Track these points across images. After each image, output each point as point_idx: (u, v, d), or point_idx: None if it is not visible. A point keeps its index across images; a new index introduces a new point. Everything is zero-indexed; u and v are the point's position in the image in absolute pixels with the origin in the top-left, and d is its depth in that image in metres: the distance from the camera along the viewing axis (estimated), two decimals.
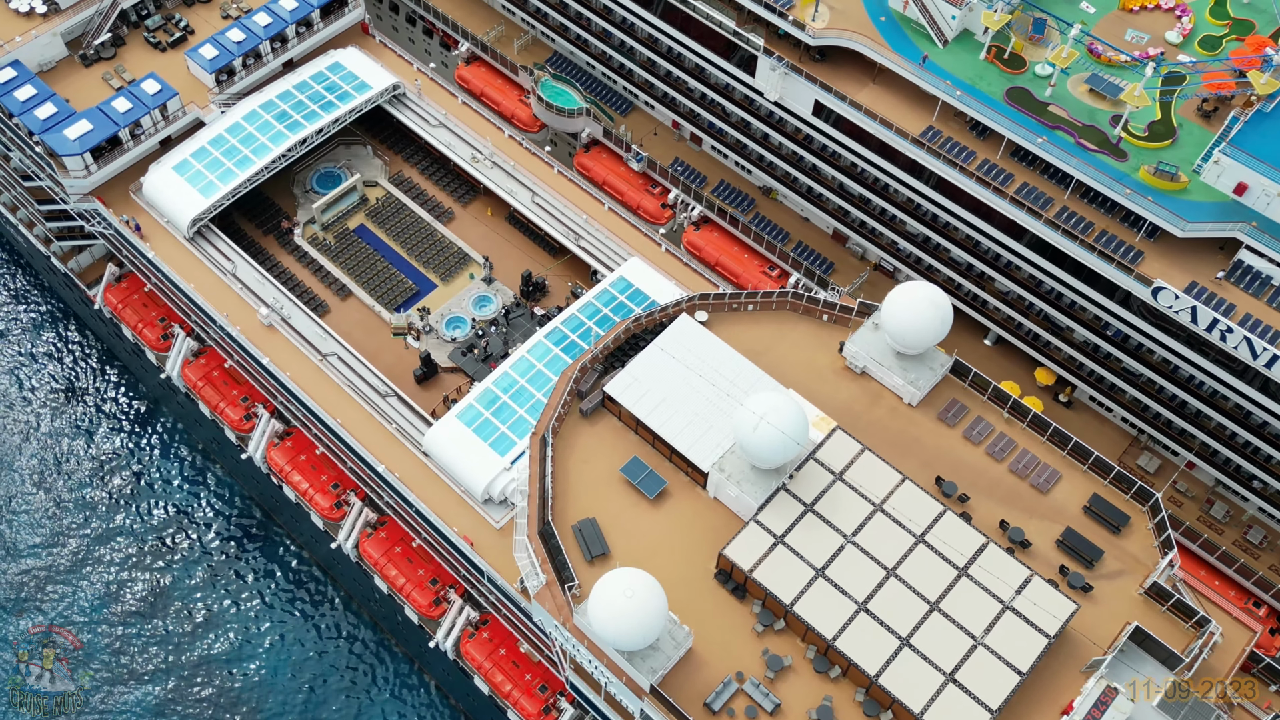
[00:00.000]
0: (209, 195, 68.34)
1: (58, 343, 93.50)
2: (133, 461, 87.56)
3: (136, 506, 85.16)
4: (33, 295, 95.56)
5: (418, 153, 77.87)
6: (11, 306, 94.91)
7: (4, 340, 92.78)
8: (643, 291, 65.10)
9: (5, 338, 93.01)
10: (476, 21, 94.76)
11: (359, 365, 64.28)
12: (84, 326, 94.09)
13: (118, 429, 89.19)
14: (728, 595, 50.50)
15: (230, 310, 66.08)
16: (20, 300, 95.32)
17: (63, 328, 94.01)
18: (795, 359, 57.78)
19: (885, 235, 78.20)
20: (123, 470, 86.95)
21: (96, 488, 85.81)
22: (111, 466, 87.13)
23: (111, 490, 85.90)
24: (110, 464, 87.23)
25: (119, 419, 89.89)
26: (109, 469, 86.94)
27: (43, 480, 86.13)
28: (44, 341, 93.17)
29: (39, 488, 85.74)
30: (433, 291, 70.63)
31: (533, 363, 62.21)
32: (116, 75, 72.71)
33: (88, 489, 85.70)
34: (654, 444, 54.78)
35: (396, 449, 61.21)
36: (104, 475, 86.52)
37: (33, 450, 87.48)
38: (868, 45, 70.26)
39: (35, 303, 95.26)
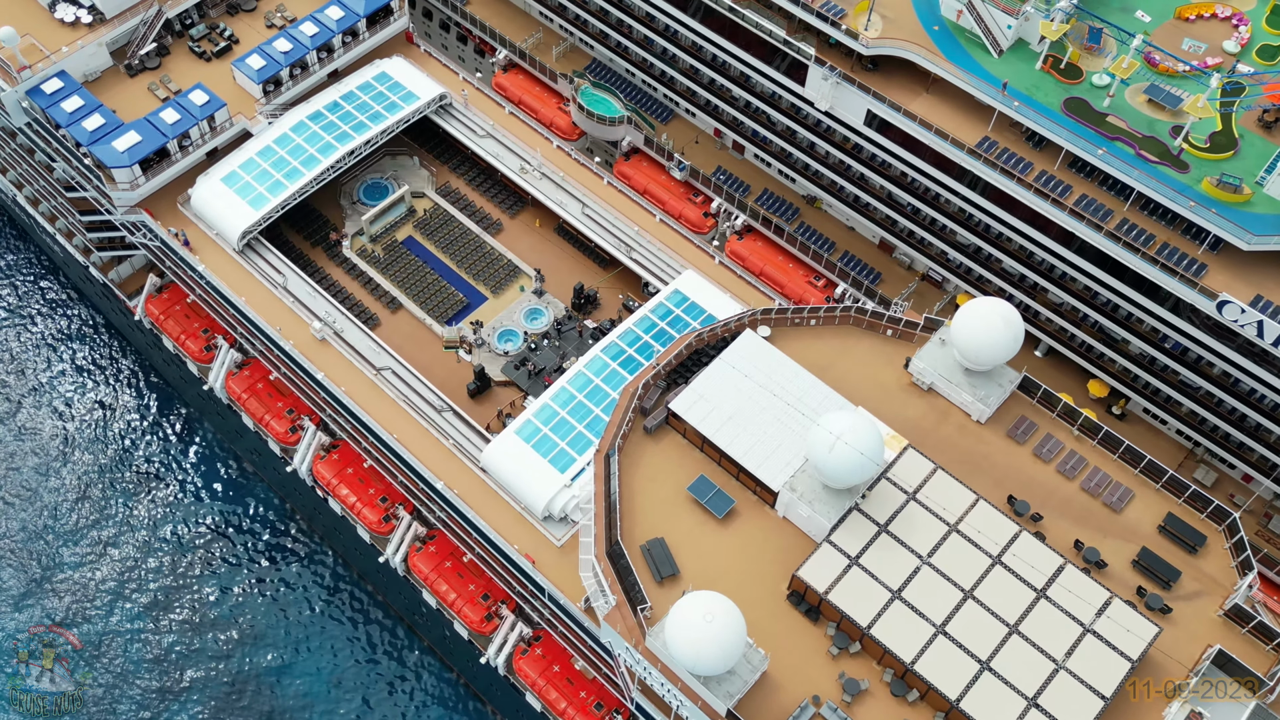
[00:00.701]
0: (259, 208, 67.72)
1: (94, 353, 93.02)
2: (171, 473, 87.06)
3: (176, 518, 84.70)
4: (69, 305, 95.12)
5: (464, 163, 77.21)
6: (48, 316, 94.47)
7: (41, 350, 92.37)
8: (698, 305, 64.42)
9: (41, 347, 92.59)
10: (514, 29, 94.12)
11: (413, 380, 63.64)
12: (120, 337, 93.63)
13: (156, 440, 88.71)
14: (800, 617, 49.80)
15: (282, 324, 65.45)
16: (56, 310, 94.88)
17: (99, 338, 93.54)
18: (860, 375, 57.05)
19: (935, 245, 77.44)
20: (162, 482, 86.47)
21: (136, 499, 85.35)
22: (150, 478, 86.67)
23: (151, 502, 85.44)
24: (149, 475, 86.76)
25: (157, 430, 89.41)
26: (148, 480, 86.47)
27: (83, 492, 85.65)
28: (80, 351, 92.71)
29: (79, 499, 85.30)
30: (483, 304, 69.99)
31: (590, 377, 61.54)
32: (162, 85, 72.09)
33: (127, 500, 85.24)
34: (720, 462, 54.09)
35: (454, 465, 60.55)
36: (143, 487, 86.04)
37: (72, 461, 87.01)
38: (922, 55, 69.53)
39: (71, 313, 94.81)
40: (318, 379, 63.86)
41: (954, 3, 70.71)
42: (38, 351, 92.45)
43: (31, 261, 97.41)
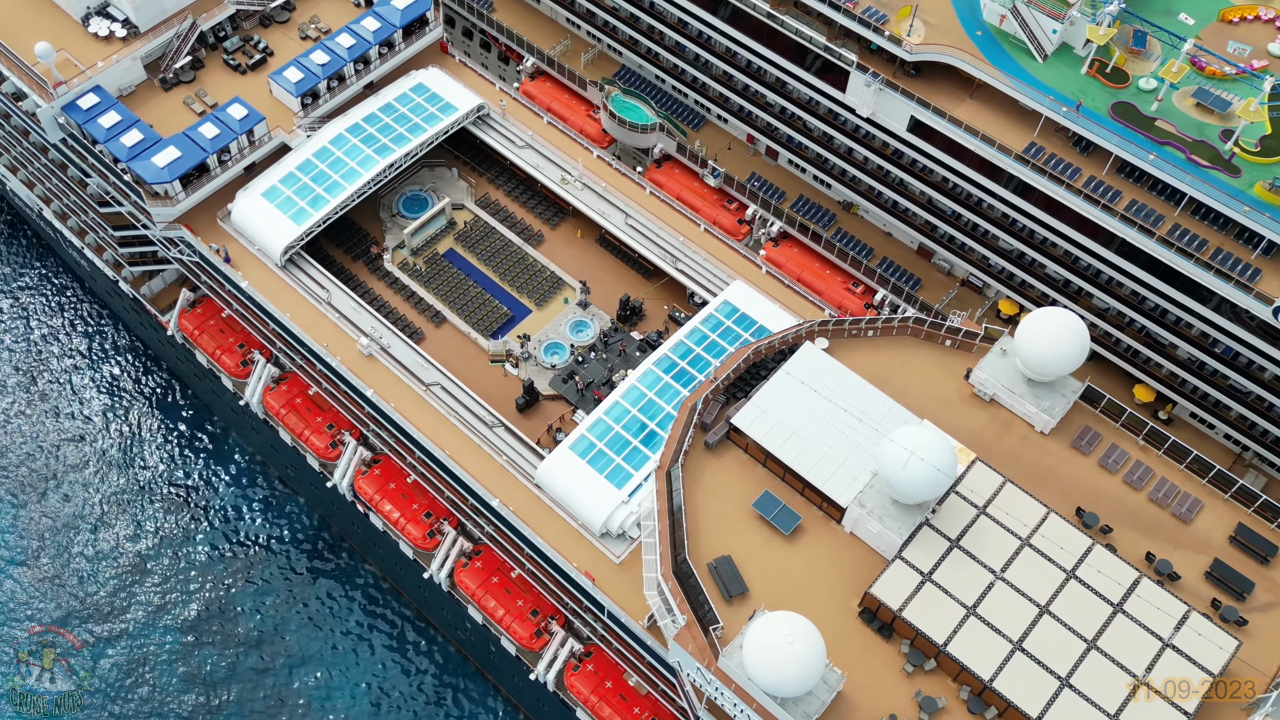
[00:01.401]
0: (301, 222, 66.97)
1: (122, 367, 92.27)
2: (203, 487, 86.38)
3: (209, 533, 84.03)
4: (95, 319, 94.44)
5: (502, 174, 76.51)
6: (74, 330, 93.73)
7: (67, 363, 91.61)
8: (749, 316, 63.82)
9: (67, 361, 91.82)
10: (541, 36, 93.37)
11: (463, 395, 62.96)
12: (148, 351, 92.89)
13: (186, 455, 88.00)
14: (873, 635, 49.23)
15: (328, 340, 64.71)
16: (82, 324, 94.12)
17: (126, 352, 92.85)
18: (920, 386, 56.50)
19: (976, 250, 76.90)
20: (194, 496, 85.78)
21: (168, 514, 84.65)
22: (182, 492, 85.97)
23: (183, 516, 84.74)
24: (180, 490, 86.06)
25: (187, 444, 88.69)
26: (179, 495, 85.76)
27: (114, 507, 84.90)
28: (107, 365, 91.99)
29: (111, 514, 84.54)
30: (527, 317, 69.32)
31: (643, 391, 60.90)
32: (198, 99, 71.30)
33: (160, 515, 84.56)
34: (784, 477, 53.49)
35: (507, 481, 59.88)
36: (176, 502, 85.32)
37: (102, 476, 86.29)
38: (967, 60, 68.96)
39: (98, 327, 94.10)
40: (366, 395, 63.09)
41: (997, 8, 70.20)
42: (64, 365, 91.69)
43: (56, 275, 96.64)
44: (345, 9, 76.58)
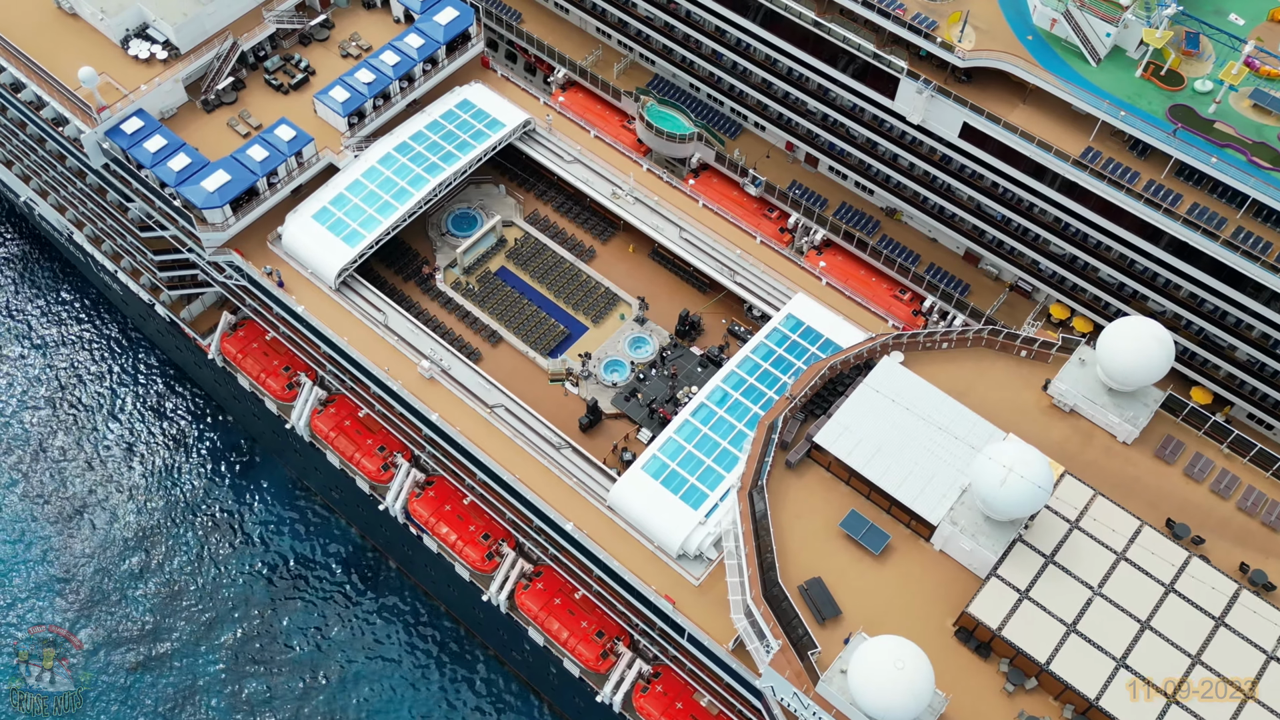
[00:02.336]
0: (354, 244, 65.98)
1: (156, 391, 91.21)
2: (242, 510, 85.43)
3: (249, 556, 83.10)
4: (127, 343, 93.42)
5: (550, 189, 75.61)
6: (107, 354, 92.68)
7: (99, 389, 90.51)
8: (814, 329, 63.13)
9: (100, 384, 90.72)
10: (571, 46, 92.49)
11: (528, 416, 62.09)
12: (183, 373, 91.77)
13: (225, 477, 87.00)
14: (970, 654, 48.58)
15: (388, 364, 63.70)
16: (114, 348, 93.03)
17: (160, 375, 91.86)
18: (998, 399, 55.87)
19: (1025, 255, 76.41)
20: (232, 519, 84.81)
21: (207, 538, 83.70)
22: (221, 516, 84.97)
23: (222, 540, 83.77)
24: (220, 513, 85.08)
25: (225, 467, 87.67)
26: (219, 518, 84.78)
27: (153, 530, 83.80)
28: (141, 390, 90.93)
29: (150, 538, 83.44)
30: (584, 334, 68.43)
31: (713, 409, 60.14)
32: (242, 121, 70.17)
33: (199, 539, 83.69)
34: (870, 495, 52.81)
35: (578, 503, 59.04)
36: (214, 525, 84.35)
37: (139, 500, 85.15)
38: (1020, 66, 68.42)
39: (130, 351, 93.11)
40: (430, 420, 62.08)
41: (1048, 12, 69.69)
42: (95, 388, 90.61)
43: (84, 299, 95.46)
44: (385, 26, 75.56)
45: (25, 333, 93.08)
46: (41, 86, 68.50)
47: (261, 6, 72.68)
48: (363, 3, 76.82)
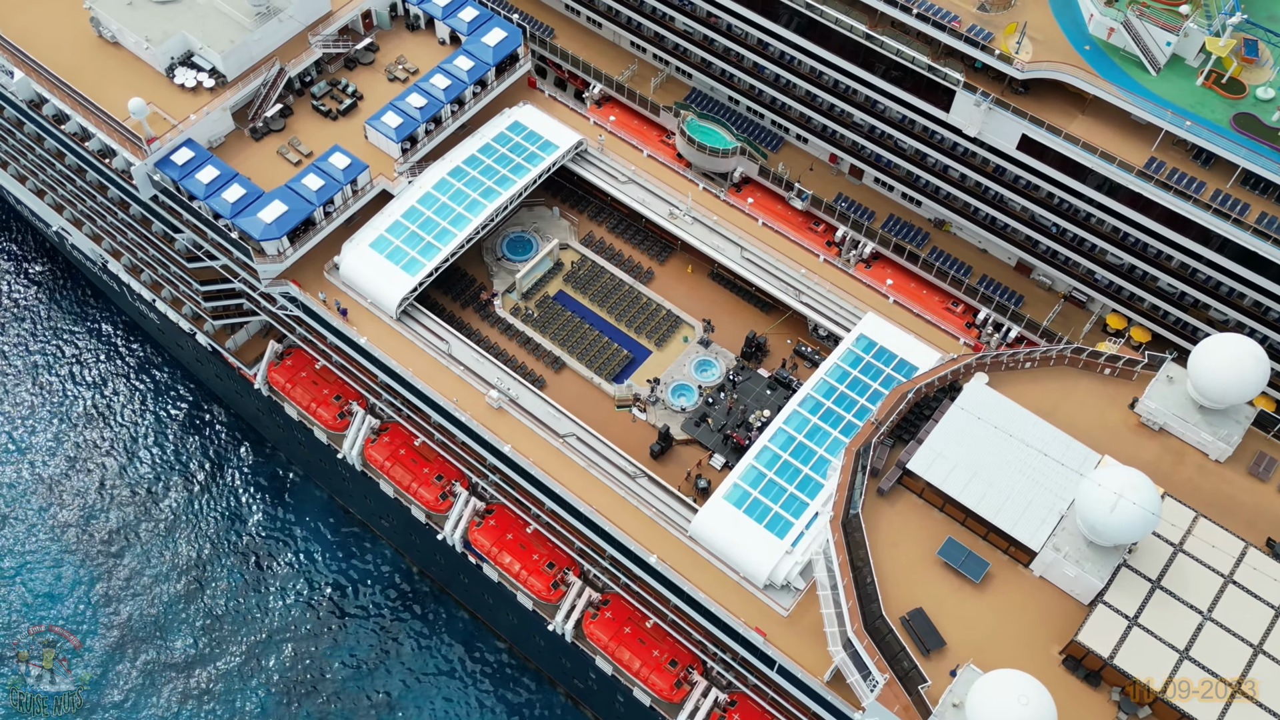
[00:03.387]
0: (414, 273, 64.82)
1: (193, 418, 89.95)
2: (287, 539, 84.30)
3: (295, 583, 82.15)
4: (164, 372, 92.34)
5: (603, 210, 74.56)
6: (140, 384, 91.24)
7: (136, 417, 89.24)
8: (887, 349, 62.28)
9: (134, 412, 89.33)
10: (605, 61, 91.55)
11: (600, 445, 61.06)
12: (219, 401, 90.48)
13: (269, 506, 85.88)
14: (1080, 684, 47.75)
15: (456, 395, 62.54)
16: (149, 378, 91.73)
17: (198, 404, 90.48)
18: (1086, 419, 55.11)
19: (1081, 265, 75.85)
20: (278, 548, 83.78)
21: (253, 568, 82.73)
22: (265, 545, 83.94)
23: (269, 570, 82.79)
24: (264, 542, 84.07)
25: (269, 496, 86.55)
26: (263, 548, 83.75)
27: (196, 559, 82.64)
28: (178, 418, 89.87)
29: (193, 566, 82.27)
30: (648, 358, 67.39)
31: (791, 434, 59.23)
32: (292, 149, 68.87)
33: (242, 566, 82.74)
34: (965, 522, 51.97)
35: (657, 534, 58.03)
36: (259, 554, 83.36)
37: (180, 528, 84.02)
38: (1080, 76, 67.81)
39: (168, 380, 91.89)
40: (502, 451, 60.92)
41: (1106, 21, 69.10)
42: (130, 416, 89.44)
43: (117, 327, 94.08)
44: (431, 48, 74.37)
45: (58, 359, 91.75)
46: (87, 118, 67.09)
47: (307, 31, 71.38)
48: (406, 24, 75.62)
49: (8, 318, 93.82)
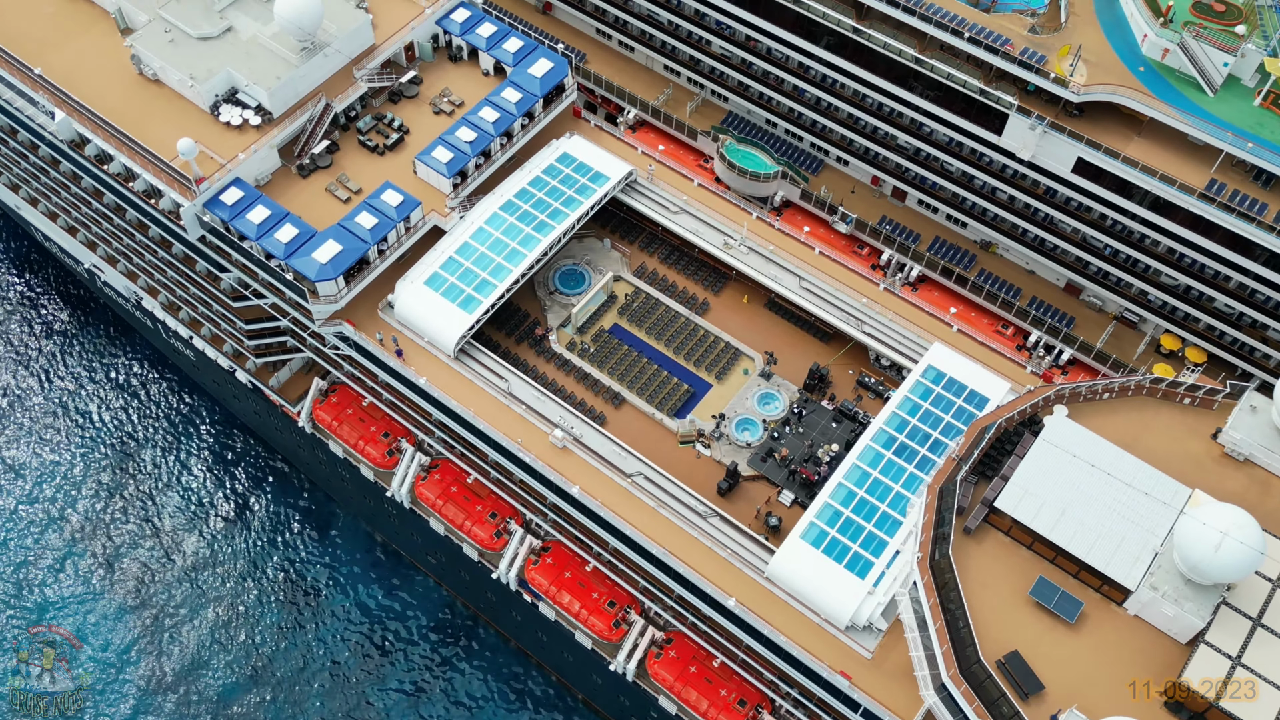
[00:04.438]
0: (471, 310, 63.71)
1: (230, 454, 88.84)
2: (328, 574, 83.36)
3: (338, 621, 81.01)
4: (195, 406, 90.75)
5: (653, 241, 73.54)
6: (175, 418, 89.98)
7: (170, 452, 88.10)
8: (957, 380, 61.33)
9: (167, 447, 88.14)
10: (638, 85, 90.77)
11: (669, 483, 60.01)
12: (257, 436, 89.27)
13: (308, 541, 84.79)
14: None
15: (518, 434, 61.40)
16: (183, 412, 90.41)
17: (233, 438, 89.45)
18: (1168, 450, 54.33)
19: (1134, 286, 75.18)
20: (318, 583, 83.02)
21: (294, 604, 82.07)
22: (306, 581, 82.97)
23: (309, 606, 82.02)
24: (305, 578, 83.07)
25: (307, 530, 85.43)
26: (303, 583, 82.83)
27: (236, 597, 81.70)
28: (213, 452, 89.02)
29: (233, 604, 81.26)
30: (709, 392, 66.34)
31: (866, 470, 58.26)
32: (341, 185, 67.76)
33: (285, 605, 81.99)
34: (1055, 560, 51.12)
35: (733, 576, 56.89)
36: (299, 590, 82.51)
37: (218, 564, 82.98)
38: (1137, 99, 67.17)
39: (199, 413, 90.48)
40: (570, 493, 59.78)
41: (1160, 42, 68.54)
42: (162, 450, 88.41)
43: (147, 363, 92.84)
44: (475, 79, 73.38)
45: (88, 393, 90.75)
46: (133, 158, 65.84)
47: (351, 65, 70.34)
48: (449, 56, 74.61)
49: (38, 352, 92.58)
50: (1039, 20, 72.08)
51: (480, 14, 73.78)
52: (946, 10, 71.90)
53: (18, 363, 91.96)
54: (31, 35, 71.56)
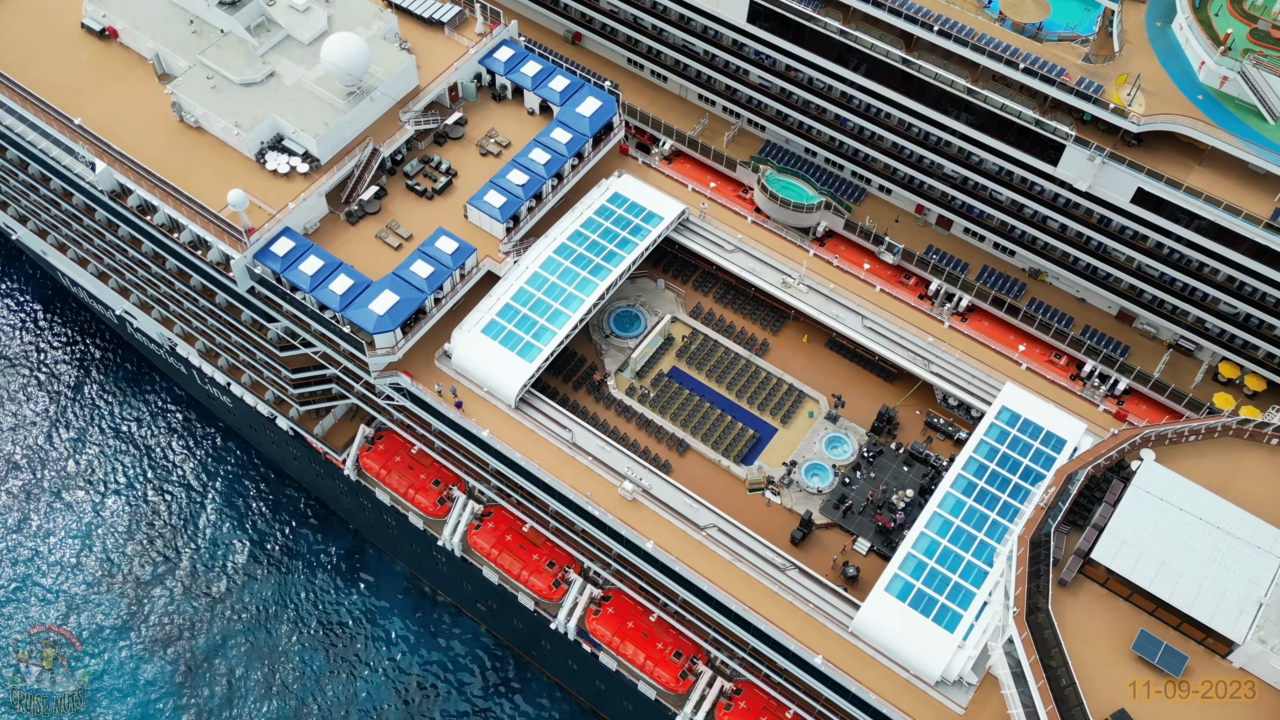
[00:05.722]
0: (531, 359, 62.25)
1: (265, 500, 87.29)
2: (368, 617, 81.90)
3: (382, 665, 79.76)
4: (230, 451, 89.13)
5: (706, 280, 72.24)
6: (209, 462, 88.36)
7: (204, 497, 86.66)
8: (1033, 421, 60.18)
9: (202, 492, 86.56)
10: (673, 115, 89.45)
11: (742, 535, 58.64)
12: (294, 482, 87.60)
13: (347, 585, 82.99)
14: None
15: (584, 486, 59.92)
16: (219, 456, 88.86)
17: (268, 482, 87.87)
18: (1261, 493, 53.21)
19: (1191, 313, 74.25)
20: (359, 627, 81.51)
21: (334, 648, 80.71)
22: (346, 625, 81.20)
23: (350, 650, 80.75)
24: (345, 622, 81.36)
25: (344, 574, 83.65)
26: (343, 628, 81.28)
27: (279, 643, 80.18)
28: (248, 497, 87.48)
29: (274, 652, 79.86)
30: (774, 436, 65.01)
31: (947, 518, 57.00)
32: (391, 232, 66.25)
33: (326, 650, 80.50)
34: (1154, 612, 49.94)
35: (817, 631, 55.51)
36: (340, 634, 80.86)
37: (260, 611, 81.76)
38: (1198, 128, 66.29)
39: (234, 459, 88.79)
40: (647, 550, 58.22)
41: (1219, 70, 67.70)
42: (196, 494, 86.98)
43: (178, 406, 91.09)
44: (520, 119, 72.01)
45: (120, 436, 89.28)
46: (179, 209, 64.20)
47: (396, 108, 68.90)
48: (492, 95, 73.23)
49: (70, 398, 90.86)
50: (1092, 49, 71.20)
51: (524, 52, 72.46)
52: (998, 39, 70.98)
53: (45, 399, 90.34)
54: (66, 83, 69.91)
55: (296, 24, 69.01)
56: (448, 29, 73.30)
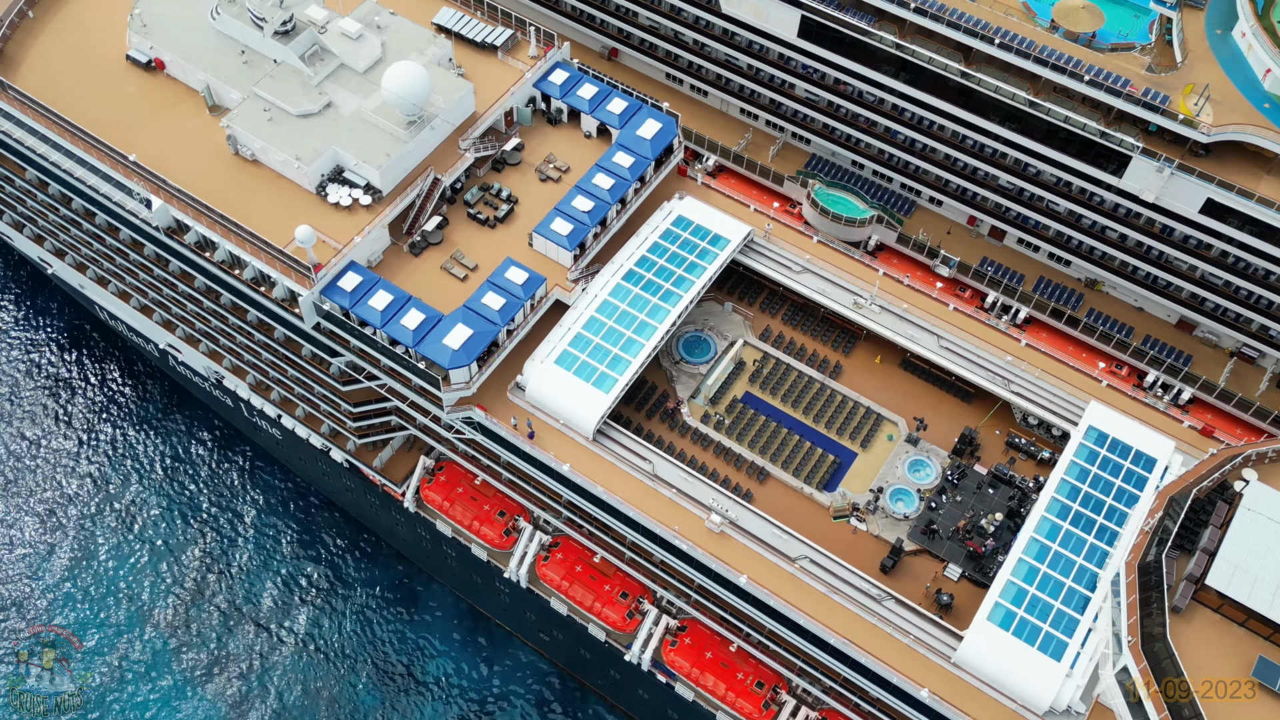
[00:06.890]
0: (608, 390, 61.07)
1: (314, 526, 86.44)
2: (425, 645, 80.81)
3: (445, 695, 78.46)
4: (282, 483, 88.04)
5: (774, 302, 71.21)
6: (260, 493, 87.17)
7: (252, 526, 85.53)
8: (1122, 441, 59.41)
9: (252, 522, 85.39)
10: (715, 130, 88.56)
11: (836, 566, 57.68)
12: (338, 510, 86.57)
13: (398, 612, 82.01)
14: None
15: (670, 519, 58.82)
16: (268, 491, 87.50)
17: (319, 513, 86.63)
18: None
19: (1255, 321, 73.72)
20: (416, 658, 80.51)
21: (392, 679, 79.49)
22: (406, 656, 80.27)
23: (409, 680, 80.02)
24: (400, 651, 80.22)
25: (398, 604, 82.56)
26: (399, 659, 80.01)
27: (334, 674, 79.26)
28: (298, 525, 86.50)
29: (329, 683, 78.93)
30: (855, 461, 64.07)
31: (1044, 544, 56.16)
32: (456, 263, 64.98)
33: (388, 678, 79.24)
34: (1271, 637, 49.30)
35: (919, 662, 54.60)
36: (396, 665, 79.64)
37: (315, 646, 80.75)
38: (1270, 138, 65.72)
39: (288, 492, 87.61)
40: (740, 585, 57.15)
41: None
42: (241, 523, 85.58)
43: (219, 437, 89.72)
44: (578, 143, 70.82)
45: (166, 470, 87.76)
46: (242, 246, 62.77)
47: (455, 135, 67.62)
48: (547, 119, 72.01)
49: (119, 433, 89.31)
50: (1154, 59, 70.52)
51: (579, 75, 71.30)
52: (1058, 51, 70.25)
53: (82, 432, 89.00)
54: (114, 117, 68.32)
55: (350, 52, 67.64)
56: (500, 53, 72.03)
